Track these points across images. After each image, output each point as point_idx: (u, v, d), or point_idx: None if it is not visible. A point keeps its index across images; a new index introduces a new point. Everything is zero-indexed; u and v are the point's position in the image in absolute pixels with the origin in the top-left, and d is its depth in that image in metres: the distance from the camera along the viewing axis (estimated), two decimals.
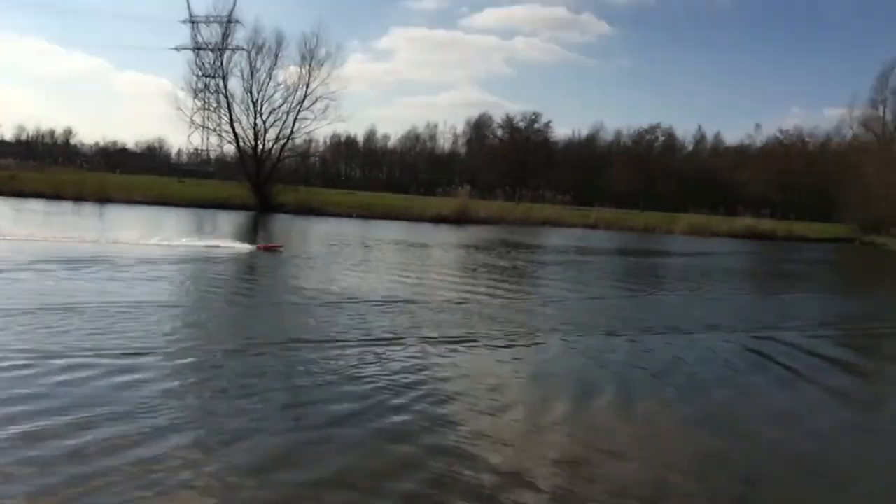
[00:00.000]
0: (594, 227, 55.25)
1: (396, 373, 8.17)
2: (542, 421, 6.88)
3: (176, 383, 7.26)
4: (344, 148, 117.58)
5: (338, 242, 27.95)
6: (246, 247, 21.67)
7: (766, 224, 60.56)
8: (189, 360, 8.17)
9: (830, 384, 9.16)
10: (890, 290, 25.80)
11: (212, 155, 74.14)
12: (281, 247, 22.79)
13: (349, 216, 47.80)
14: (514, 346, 10.22)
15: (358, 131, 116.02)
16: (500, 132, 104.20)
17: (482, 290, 15.99)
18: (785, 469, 6.03)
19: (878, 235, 61.23)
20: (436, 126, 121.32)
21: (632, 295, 17.53)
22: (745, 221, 59.37)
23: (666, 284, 21.48)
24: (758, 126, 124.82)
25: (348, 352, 9.01)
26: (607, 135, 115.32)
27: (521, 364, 9.29)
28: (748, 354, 10.61)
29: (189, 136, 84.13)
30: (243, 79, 53.54)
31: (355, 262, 20.73)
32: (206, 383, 7.40)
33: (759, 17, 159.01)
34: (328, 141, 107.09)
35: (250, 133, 53.16)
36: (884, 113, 77.80)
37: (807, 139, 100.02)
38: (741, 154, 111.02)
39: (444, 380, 8.02)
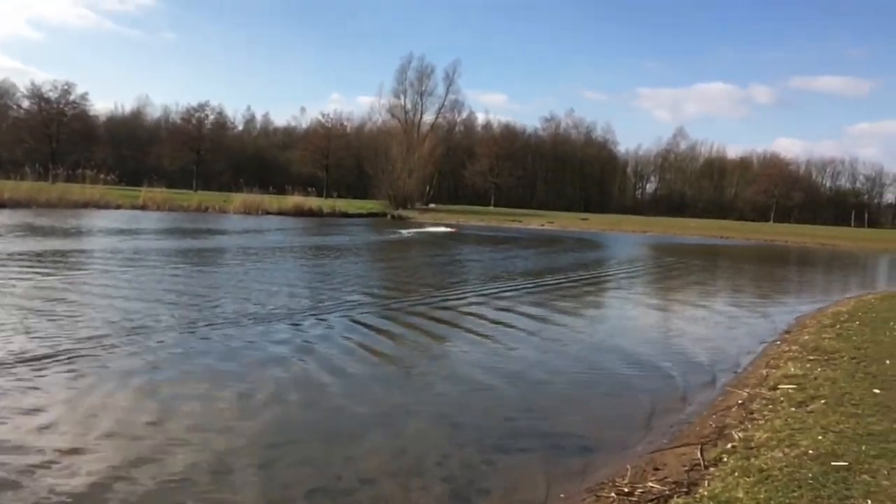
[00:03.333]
0: (143, 207, 52.63)
1: None
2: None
3: None
4: None
5: None
6: None
7: (313, 201, 64.98)
8: None
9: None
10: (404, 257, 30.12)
11: None
12: None
13: None
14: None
15: None
16: (26, 103, 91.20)
17: None
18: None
19: (404, 209, 70.89)
20: None
21: (199, 271, 17.47)
22: (294, 199, 62.80)
23: (218, 261, 21.80)
24: (303, 109, 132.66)
25: None
26: (155, 111, 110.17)
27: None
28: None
29: None
30: None
31: None
32: None
33: (304, 4, 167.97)
34: None
35: None
36: (404, 102, 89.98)
37: (345, 122, 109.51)
38: (289, 135, 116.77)
39: None
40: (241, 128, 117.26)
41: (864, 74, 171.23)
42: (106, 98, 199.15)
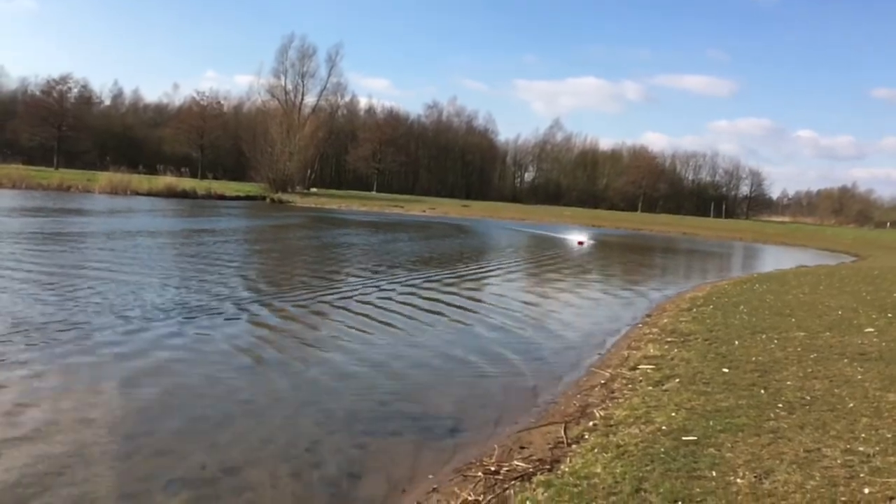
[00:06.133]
0: None
1: None
2: None
3: None
4: None
5: None
6: None
7: (187, 182, 62.32)
8: None
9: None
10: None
11: None
12: None
13: None
14: None
15: None
16: None
17: None
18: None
19: (285, 193, 69.20)
20: None
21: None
22: (165, 180, 59.98)
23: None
24: (176, 86, 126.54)
25: None
26: (11, 82, 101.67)
27: None
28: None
29: None
30: None
31: None
32: None
33: None
34: None
35: None
36: (285, 82, 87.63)
37: (222, 101, 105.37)
38: (161, 112, 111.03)
39: None
40: (108, 103, 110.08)
41: (724, 75, 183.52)
42: None
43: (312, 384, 7.84)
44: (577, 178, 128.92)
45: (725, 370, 8.08)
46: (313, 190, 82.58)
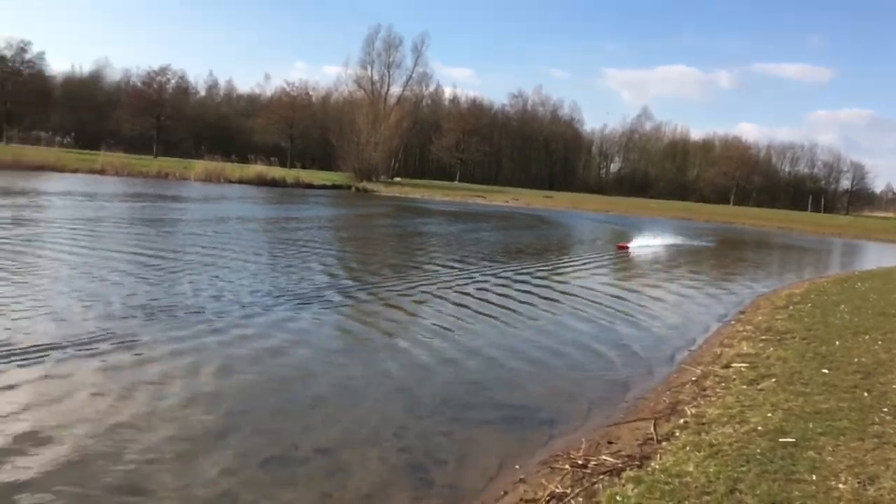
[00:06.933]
0: (101, 172, 51.37)
1: None
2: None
3: None
4: None
5: None
6: None
7: (276, 171, 64.14)
8: None
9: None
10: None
11: None
12: None
13: None
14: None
15: None
16: None
17: None
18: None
19: (369, 182, 70.31)
20: None
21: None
22: (256, 168, 61.89)
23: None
24: (267, 76, 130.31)
25: None
26: (115, 73, 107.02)
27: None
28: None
29: None
30: None
31: None
32: None
33: None
34: None
35: None
36: (371, 73, 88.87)
37: (311, 92, 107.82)
38: (253, 102, 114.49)
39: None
40: (203, 93, 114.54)
41: (823, 63, 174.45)
42: (62, 58, 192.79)
43: (406, 369, 7.98)
44: (666, 168, 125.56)
45: (825, 371, 7.75)
46: (397, 179, 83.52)
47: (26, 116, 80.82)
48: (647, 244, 28.34)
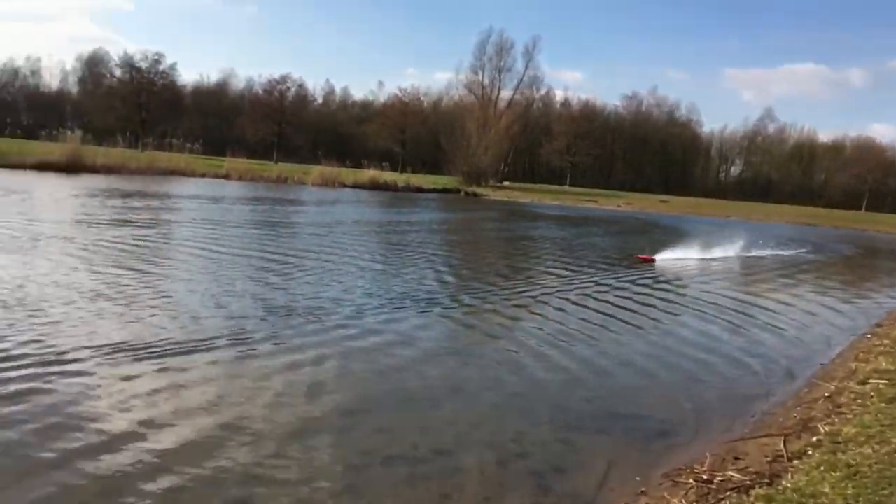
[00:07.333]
0: (226, 177, 54.21)
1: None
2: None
3: None
4: None
5: None
6: None
7: (388, 175, 65.54)
8: None
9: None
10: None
11: None
12: None
13: None
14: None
15: None
16: (118, 72, 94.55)
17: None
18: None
19: (478, 186, 70.66)
20: (38, 60, 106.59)
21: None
22: (369, 173, 63.44)
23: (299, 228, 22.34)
24: (381, 83, 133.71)
25: None
26: (239, 82, 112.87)
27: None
28: None
29: None
30: None
31: None
32: None
33: None
34: None
35: None
36: (482, 77, 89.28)
37: (422, 98, 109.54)
38: (366, 109, 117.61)
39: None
40: (320, 101, 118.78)
41: None
42: (192, 68, 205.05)
43: (521, 375, 7.96)
44: (791, 171, 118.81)
45: None
46: (505, 183, 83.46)
47: (160, 124, 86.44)
48: (678, 257, 21.83)
